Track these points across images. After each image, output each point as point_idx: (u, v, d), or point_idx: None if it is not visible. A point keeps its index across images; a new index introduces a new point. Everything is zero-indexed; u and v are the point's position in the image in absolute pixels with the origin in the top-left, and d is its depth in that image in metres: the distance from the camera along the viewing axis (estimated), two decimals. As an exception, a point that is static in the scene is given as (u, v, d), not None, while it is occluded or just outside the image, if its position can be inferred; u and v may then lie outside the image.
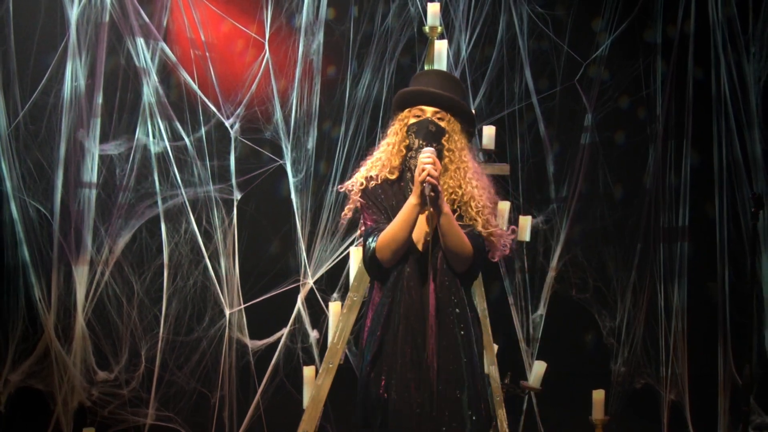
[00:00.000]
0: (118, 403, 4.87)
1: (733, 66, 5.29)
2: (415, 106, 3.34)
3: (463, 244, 3.20)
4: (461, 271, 3.26)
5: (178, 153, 5.01)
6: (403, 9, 5.21)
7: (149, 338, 4.97)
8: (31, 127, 4.78)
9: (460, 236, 3.19)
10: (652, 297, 5.37)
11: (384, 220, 3.30)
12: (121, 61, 4.91)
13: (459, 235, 3.19)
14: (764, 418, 5.18)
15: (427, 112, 3.31)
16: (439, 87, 3.33)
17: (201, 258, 5.02)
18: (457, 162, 3.29)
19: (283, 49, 5.14)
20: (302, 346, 5.07)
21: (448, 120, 3.30)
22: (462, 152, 3.31)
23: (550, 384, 4.79)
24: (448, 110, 3.31)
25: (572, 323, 5.43)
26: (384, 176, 3.34)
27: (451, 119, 3.31)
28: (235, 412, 5.03)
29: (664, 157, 5.39)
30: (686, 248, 5.36)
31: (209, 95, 5.04)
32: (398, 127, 3.37)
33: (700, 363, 5.32)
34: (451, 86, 3.37)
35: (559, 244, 5.35)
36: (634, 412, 5.32)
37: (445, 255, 3.24)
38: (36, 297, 4.75)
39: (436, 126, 3.29)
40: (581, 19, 5.42)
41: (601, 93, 5.43)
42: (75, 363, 4.80)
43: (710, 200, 5.35)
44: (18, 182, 4.74)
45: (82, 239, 4.82)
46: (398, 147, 3.35)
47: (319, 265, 5.11)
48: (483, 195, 3.30)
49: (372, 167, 3.39)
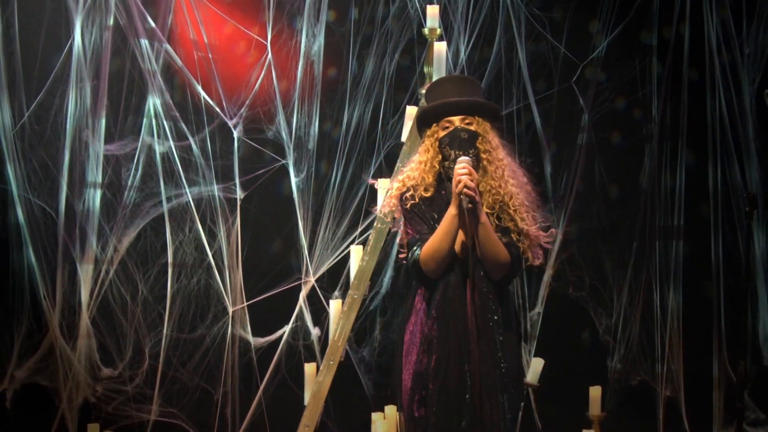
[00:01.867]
0: (123, 399, 4.89)
1: (728, 67, 5.29)
2: (441, 119, 3.34)
3: (498, 253, 3.21)
4: (498, 278, 3.27)
5: (183, 153, 5.03)
6: (403, 11, 5.20)
7: (153, 336, 4.99)
8: (37, 127, 4.81)
9: (496, 245, 3.20)
10: (648, 295, 5.36)
11: (427, 230, 3.31)
12: (125, 63, 4.93)
13: (495, 244, 3.20)
14: (759, 414, 5.19)
15: (455, 121, 3.30)
16: (458, 93, 3.32)
17: (205, 256, 5.04)
18: (495, 161, 3.30)
19: (285, 51, 5.15)
20: (304, 343, 5.08)
21: (477, 123, 3.30)
22: (497, 150, 3.32)
23: (548, 380, 4.79)
24: (475, 113, 3.31)
25: (569, 321, 5.41)
26: (420, 194, 3.34)
27: (480, 121, 3.31)
28: (237, 408, 5.04)
29: (659, 157, 5.39)
30: (682, 247, 5.36)
31: (212, 96, 5.05)
32: (429, 143, 3.36)
33: (695, 360, 5.32)
34: (469, 88, 3.37)
35: (557, 242, 5.33)
36: (630, 408, 5.31)
37: (483, 263, 3.23)
38: (41, 295, 4.78)
39: (468, 132, 3.28)
40: (578, 21, 5.41)
41: (598, 94, 5.41)
42: (80, 360, 4.83)
43: (705, 200, 5.35)
44: (23, 182, 4.77)
45: (87, 238, 4.85)
46: (431, 163, 3.35)
47: (321, 264, 5.12)
48: (520, 193, 3.29)
49: (404, 186, 3.38)
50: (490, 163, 3.29)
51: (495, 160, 3.30)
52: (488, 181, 3.29)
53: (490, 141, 3.31)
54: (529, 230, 3.27)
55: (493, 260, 3.22)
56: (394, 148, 5.07)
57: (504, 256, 3.22)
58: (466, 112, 3.30)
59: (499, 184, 3.28)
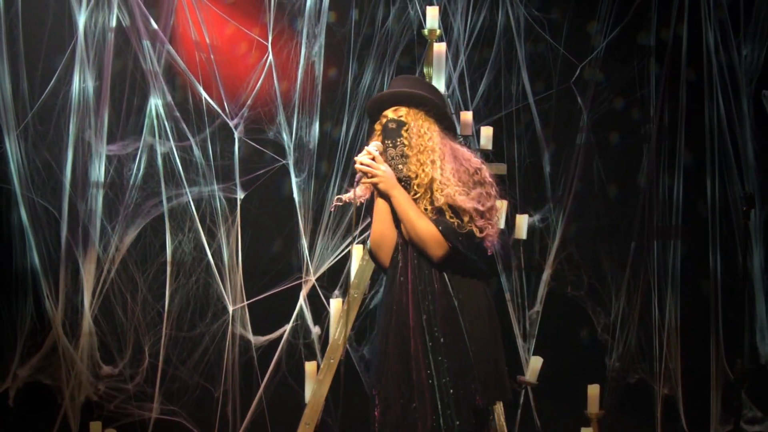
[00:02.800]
0: (124, 397, 4.92)
1: (725, 68, 5.30)
2: (378, 115, 3.42)
3: (417, 228, 3.23)
4: (438, 256, 3.25)
5: (184, 153, 5.06)
6: (403, 12, 5.24)
7: (153, 334, 5.01)
8: (40, 128, 4.83)
9: (413, 220, 3.23)
10: (646, 294, 5.38)
11: None
12: (128, 64, 4.95)
13: (412, 220, 3.23)
14: (756, 412, 5.19)
15: (389, 114, 3.38)
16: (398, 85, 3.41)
17: (204, 255, 5.06)
18: (417, 147, 3.31)
19: (286, 52, 5.17)
20: (304, 342, 5.10)
21: (406, 112, 3.36)
22: (424, 138, 3.33)
23: (547, 379, 4.81)
24: (403, 103, 3.37)
25: (568, 320, 5.44)
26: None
27: (410, 111, 3.36)
28: (238, 406, 5.06)
29: (657, 157, 5.41)
30: (679, 246, 5.37)
31: (214, 97, 5.08)
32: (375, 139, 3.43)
33: (692, 358, 5.33)
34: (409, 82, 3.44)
35: (555, 242, 5.36)
36: (628, 406, 5.33)
37: (412, 244, 3.28)
38: (44, 294, 4.80)
39: (396, 122, 3.35)
40: (577, 22, 5.44)
41: (597, 94, 5.44)
42: (82, 358, 4.85)
43: (703, 199, 5.36)
44: (27, 182, 4.79)
45: (89, 237, 4.87)
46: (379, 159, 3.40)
47: (321, 263, 5.15)
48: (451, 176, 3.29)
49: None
50: (410, 148, 3.32)
51: (420, 146, 3.32)
52: (410, 166, 3.33)
53: (418, 128, 3.34)
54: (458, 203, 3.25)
55: (417, 237, 3.24)
56: (393, 148, 5.10)
57: (427, 231, 3.22)
58: (394, 103, 3.38)
59: (422, 168, 3.30)
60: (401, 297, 3.29)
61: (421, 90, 3.40)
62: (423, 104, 3.36)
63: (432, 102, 3.38)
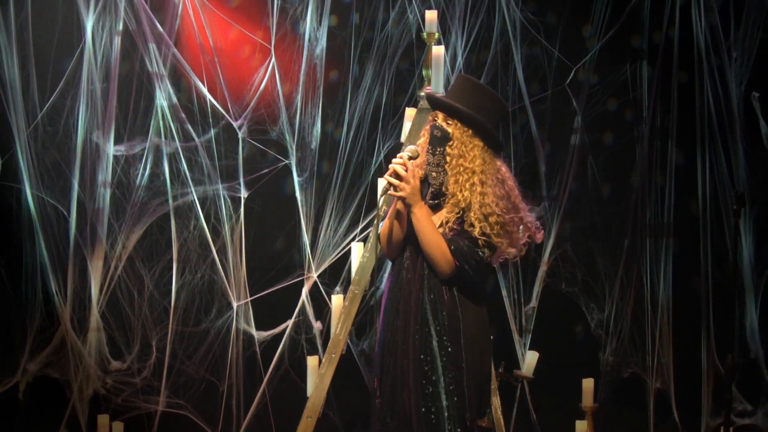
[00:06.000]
0: (131, 391, 4.96)
1: (716, 70, 5.32)
2: (434, 109, 3.37)
3: (432, 250, 3.20)
4: (443, 276, 3.24)
5: (189, 153, 5.09)
6: (402, 16, 5.24)
7: (159, 329, 5.05)
8: (49, 128, 4.86)
9: (430, 242, 3.20)
10: (639, 290, 5.39)
11: None
12: (134, 66, 4.98)
13: (429, 241, 3.20)
14: (746, 405, 5.23)
15: (440, 117, 3.31)
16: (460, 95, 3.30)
17: (209, 253, 5.09)
18: (457, 167, 3.25)
19: (288, 54, 5.20)
20: (306, 337, 5.13)
21: (455, 126, 3.27)
22: (464, 159, 3.24)
23: (542, 373, 4.85)
24: (454, 116, 3.28)
25: (563, 315, 5.46)
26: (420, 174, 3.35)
27: (459, 125, 3.27)
28: (242, 399, 5.10)
29: (650, 157, 5.42)
30: (671, 243, 5.39)
31: (218, 98, 5.10)
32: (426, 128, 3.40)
33: (684, 353, 5.36)
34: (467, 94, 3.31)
35: (550, 239, 5.37)
36: (622, 399, 5.35)
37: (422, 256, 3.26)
38: (53, 290, 4.84)
39: (442, 131, 3.27)
40: (571, 25, 5.43)
41: (590, 96, 5.44)
42: (90, 353, 4.89)
43: (694, 198, 5.38)
44: (36, 181, 4.82)
45: (97, 235, 4.91)
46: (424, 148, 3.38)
47: (323, 260, 5.18)
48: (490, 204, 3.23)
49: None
50: (451, 167, 3.27)
51: (457, 166, 3.25)
52: (447, 184, 3.29)
53: (461, 147, 3.26)
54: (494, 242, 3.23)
55: (428, 252, 3.22)
56: (393, 148, 5.14)
57: (438, 249, 3.20)
58: (447, 112, 3.30)
59: (460, 189, 3.25)
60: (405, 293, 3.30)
61: (480, 104, 3.27)
62: (474, 126, 3.27)
63: (483, 126, 3.27)
